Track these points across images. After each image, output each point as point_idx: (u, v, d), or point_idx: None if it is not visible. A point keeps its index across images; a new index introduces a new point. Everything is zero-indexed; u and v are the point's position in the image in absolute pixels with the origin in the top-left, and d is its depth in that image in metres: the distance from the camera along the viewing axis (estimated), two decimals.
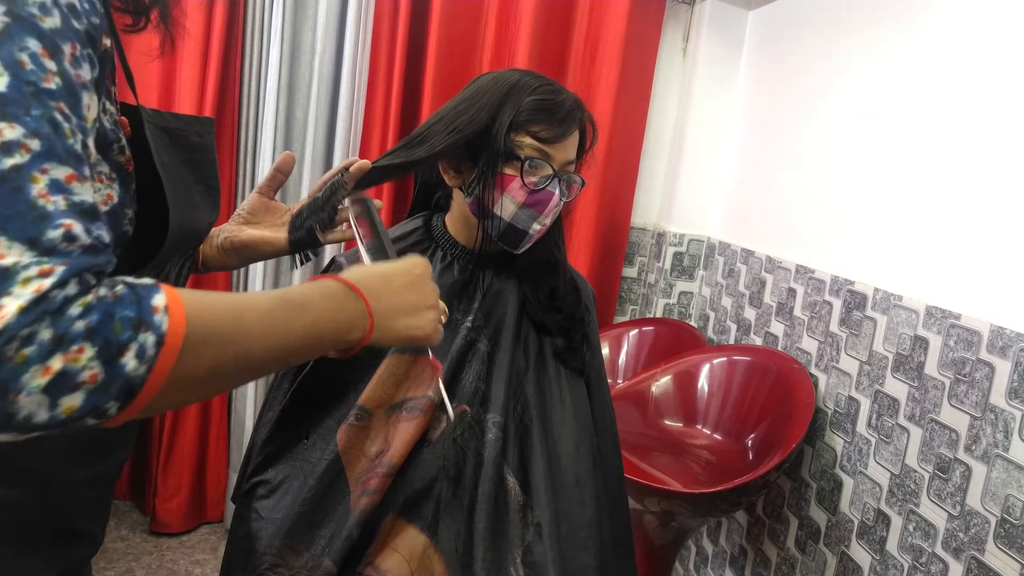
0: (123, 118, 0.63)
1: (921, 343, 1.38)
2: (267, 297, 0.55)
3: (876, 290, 1.53)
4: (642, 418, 1.85)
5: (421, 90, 2.08)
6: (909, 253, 1.46)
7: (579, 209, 2.21)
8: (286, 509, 0.88)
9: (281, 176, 0.89)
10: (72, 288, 0.42)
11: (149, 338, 0.44)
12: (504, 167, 0.89)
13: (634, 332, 2.25)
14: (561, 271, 1.02)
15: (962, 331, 1.29)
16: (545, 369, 0.98)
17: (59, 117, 0.45)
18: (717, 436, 1.83)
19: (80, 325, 0.41)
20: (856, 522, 1.51)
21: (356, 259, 0.97)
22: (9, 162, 0.42)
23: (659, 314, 2.30)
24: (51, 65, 0.45)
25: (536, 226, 0.92)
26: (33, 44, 0.44)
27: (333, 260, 1.00)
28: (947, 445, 1.30)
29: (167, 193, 0.61)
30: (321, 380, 0.94)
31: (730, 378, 1.86)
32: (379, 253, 0.79)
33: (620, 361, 2.21)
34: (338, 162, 2.03)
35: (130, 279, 0.46)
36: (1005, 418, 1.19)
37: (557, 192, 0.91)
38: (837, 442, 1.60)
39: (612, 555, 0.97)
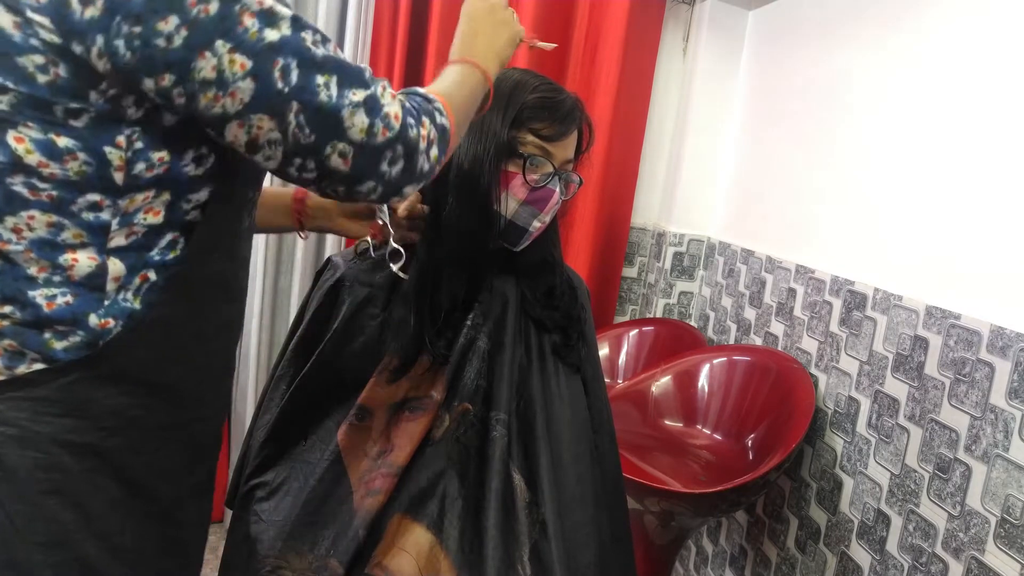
0: None
1: (921, 343, 1.38)
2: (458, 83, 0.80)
3: (876, 290, 1.53)
4: (642, 418, 1.85)
5: None
6: (909, 253, 1.46)
7: (579, 209, 2.21)
8: (287, 511, 0.88)
9: None
10: (396, 92, 0.69)
11: (439, 106, 0.72)
12: (506, 164, 0.90)
13: (634, 332, 2.25)
14: (558, 270, 1.02)
15: (962, 331, 1.29)
16: (545, 366, 0.98)
17: None
18: (717, 436, 1.83)
19: (416, 106, 0.69)
20: (856, 522, 1.51)
21: (350, 258, 0.98)
22: (331, 47, 0.64)
23: (659, 314, 2.30)
24: None
25: (536, 223, 0.93)
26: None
27: (329, 259, 1.01)
28: (947, 445, 1.30)
29: None
30: (319, 381, 0.93)
31: (730, 378, 1.86)
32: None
33: (620, 361, 2.21)
34: None
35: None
36: (1005, 418, 1.19)
37: (557, 190, 0.92)
38: (837, 442, 1.60)
39: (611, 552, 0.97)
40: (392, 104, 0.65)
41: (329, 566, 0.83)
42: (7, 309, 0.62)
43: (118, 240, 0.64)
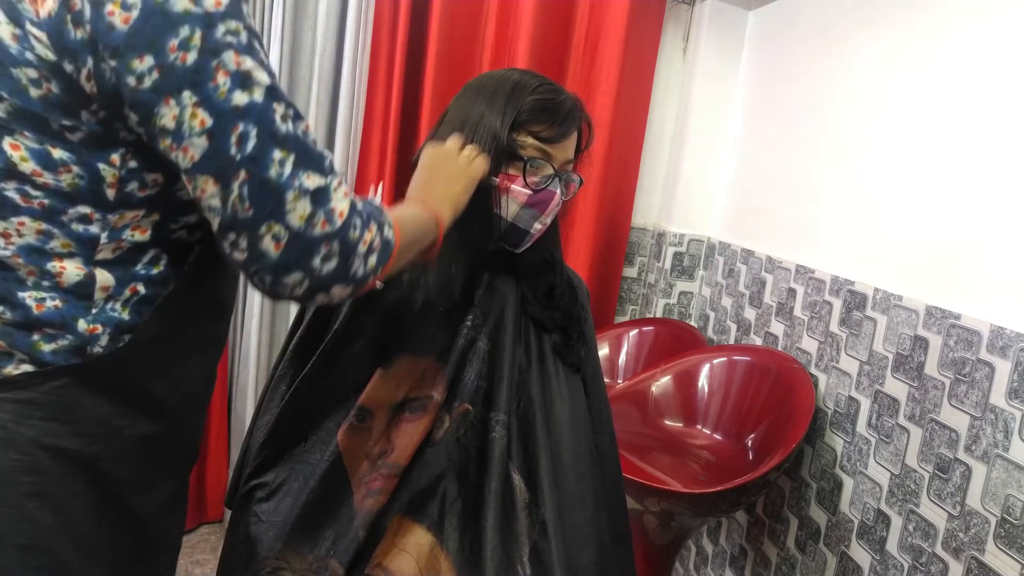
0: None
1: (921, 343, 1.38)
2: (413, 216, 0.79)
3: (876, 290, 1.53)
4: (642, 418, 1.85)
5: (421, 90, 2.08)
6: (909, 253, 1.46)
7: (579, 209, 2.21)
8: (287, 512, 0.88)
9: None
10: (350, 192, 0.66)
11: (389, 220, 0.70)
12: (507, 167, 0.89)
13: (634, 332, 2.25)
14: (558, 269, 1.02)
15: (962, 331, 1.29)
16: (545, 366, 0.98)
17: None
18: (717, 436, 1.83)
19: (366, 212, 0.66)
20: (856, 522, 1.51)
21: None
22: (300, 126, 0.62)
23: (659, 314, 2.30)
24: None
25: (537, 225, 0.93)
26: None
27: None
28: (947, 445, 1.30)
29: None
30: (319, 382, 0.93)
31: (730, 378, 1.86)
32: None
33: (620, 361, 2.21)
34: (338, 163, 2.02)
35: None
36: (1005, 418, 1.19)
37: (558, 192, 0.92)
38: (837, 442, 1.60)
39: (611, 551, 0.97)
40: (341, 201, 0.63)
41: (329, 567, 0.83)
42: None
43: (105, 254, 0.65)
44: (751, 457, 1.70)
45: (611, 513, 1.01)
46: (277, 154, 0.60)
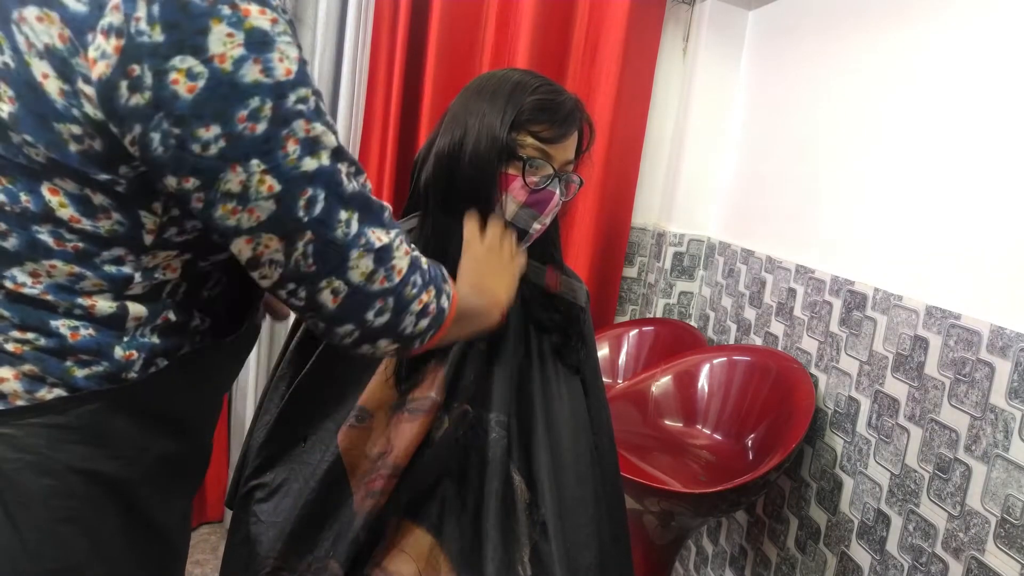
0: None
1: (921, 343, 1.38)
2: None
3: (876, 290, 1.53)
4: (642, 418, 1.85)
5: (421, 90, 2.08)
6: (909, 253, 1.46)
7: (579, 209, 2.21)
8: (287, 512, 0.88)
9: None
10: (412, 250, 0.69)
11: (449, 290, 0.72)
12: (506, 167, 0.89)
13: (634, 332, 2.25)
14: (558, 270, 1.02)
15: (962, 331, 1.29)
16: (545, 367, 0.98)
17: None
18: (717, 436, 1.83)
19: (429, 275, 0.70)
20: (856, 522, 1.51)
21: None
22: (361, 180, 0.64)
23: (659, 314, 2.30)
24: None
25: (536, 225, 0.92)
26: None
27: None
28: (947, 445, 1.30)
29: None
30: (319, 382, 0.93)
31: (730, 378, 1.86)
32: None
33: (620, 361, 2.21)
34: None
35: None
36: (1005, 418, 1.19)
37: (557, 192, 0.92)
38: (837, 442, 1.60)
39: (611, 552, 0.97)
40: (401, 259, 0.66)
41: (329, 567, 0.84)
42: (30, 335, 0.62)
43: (136, 291, 0.65)
44: (751, 457, 1.70)
45: (610, 513, 1.01)
46: (343, 215, 0.61)
